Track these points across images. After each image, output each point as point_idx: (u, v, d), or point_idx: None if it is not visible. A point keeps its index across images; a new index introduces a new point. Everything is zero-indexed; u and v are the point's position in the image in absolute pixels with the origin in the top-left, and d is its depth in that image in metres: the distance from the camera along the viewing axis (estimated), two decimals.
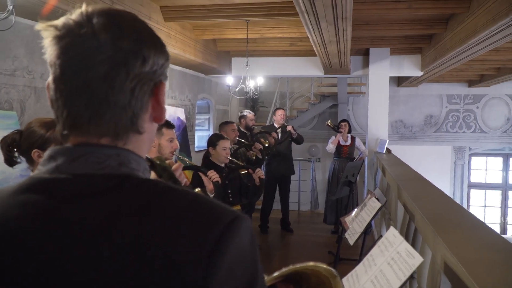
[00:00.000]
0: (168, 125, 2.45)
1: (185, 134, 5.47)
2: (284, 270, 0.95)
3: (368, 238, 3.90)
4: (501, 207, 9.56)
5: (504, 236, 8.97)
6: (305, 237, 6.02)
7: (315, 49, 4.91)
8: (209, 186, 2.64)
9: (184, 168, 3.28)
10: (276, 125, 6.03)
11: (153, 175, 1.61)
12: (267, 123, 7.67)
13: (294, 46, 6.14)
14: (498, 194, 9.60)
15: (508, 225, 9.48)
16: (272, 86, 9.36)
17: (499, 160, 9.62)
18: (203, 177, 2.65)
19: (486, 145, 9.24)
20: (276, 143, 5.67)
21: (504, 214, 9.54)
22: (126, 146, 0.65)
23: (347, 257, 4.23)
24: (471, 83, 9.07)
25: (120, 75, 0.61)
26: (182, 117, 5.48)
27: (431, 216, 2.16)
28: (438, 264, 1.76)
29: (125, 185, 0.61)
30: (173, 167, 1.49)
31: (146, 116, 0.67)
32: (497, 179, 9.64)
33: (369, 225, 2.95)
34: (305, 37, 4.52)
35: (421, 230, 2.31)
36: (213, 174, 2.65)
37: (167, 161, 1.66)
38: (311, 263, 0.94)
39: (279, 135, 5.96)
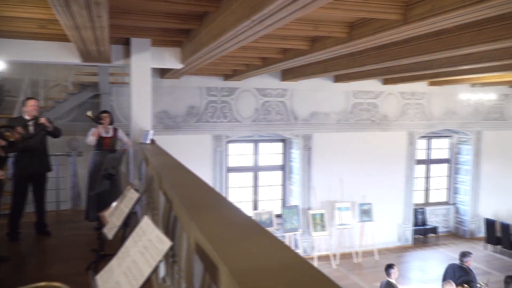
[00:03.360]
0: None
1: None
2: None
3: (130, 230, 3.85)
4: (253, 186, 11.00)
5: (255, 211, 10.37)
6: (66, 238, 5.54)
7: (68, 34, 4.50)
8: None
9: None
10: (27, 117, 5.32)
11: None
12: (15, 115, 6.69)
13: (45, 29, 5.47)
14: (250, 175, 11.00)
15: (258, 202, 10.99)
16: (20, 72, 8.21)
17: (251, 146, 11.00)
18: None
19: (240, 132, 10.36)
20: (26, 138, 5.00)
21: (255, 192, 11.01)
22: None
23: (112, 252, 4.08)
24: (226, 77, 9.94)
25: None
26: None
27: (187, 201, 2.27)
28: (191, 245, 1.86)
29: None
30: None
31: None
32: (250, 162, 11.01)
33: (129, 217, 2.91)
34: (57, 19, 4.08)
35: (178, 216, 2.40)
36: None
37: None
38: (42, 283, 0.84)
39: (32, 128, 5.29)
